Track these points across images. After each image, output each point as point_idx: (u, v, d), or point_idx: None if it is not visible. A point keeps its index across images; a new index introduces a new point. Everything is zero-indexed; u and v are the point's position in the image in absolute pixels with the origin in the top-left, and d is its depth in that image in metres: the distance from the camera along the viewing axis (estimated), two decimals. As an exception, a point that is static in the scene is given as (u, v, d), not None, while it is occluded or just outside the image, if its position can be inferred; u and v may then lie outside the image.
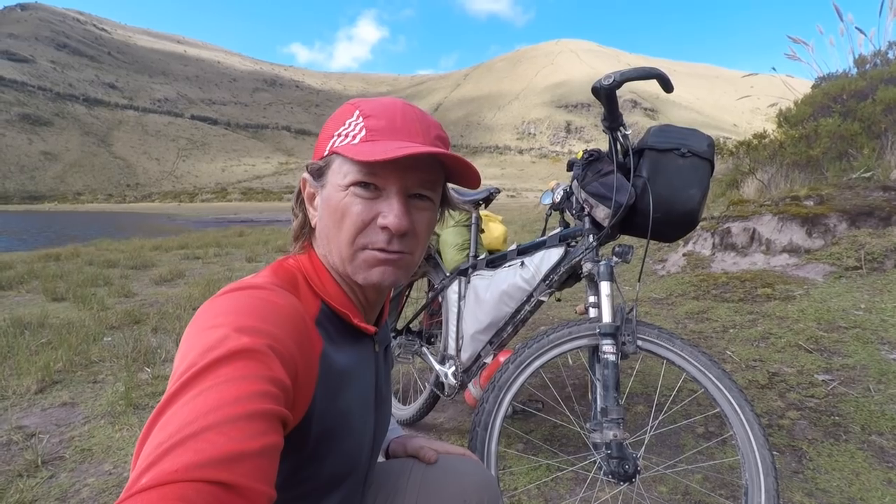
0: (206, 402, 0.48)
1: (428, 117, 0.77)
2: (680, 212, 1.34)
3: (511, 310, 1.66)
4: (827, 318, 2.84)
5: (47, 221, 39.04)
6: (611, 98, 1.28)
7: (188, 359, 0.53)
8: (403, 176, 0.70)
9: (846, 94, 6.60)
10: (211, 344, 0.53)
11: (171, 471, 0.43)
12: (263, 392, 0.51)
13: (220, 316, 0.58)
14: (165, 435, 0.46)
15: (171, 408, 0.49)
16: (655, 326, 1.34)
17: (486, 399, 1.34)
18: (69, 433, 2.37)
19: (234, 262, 9.12)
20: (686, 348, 1.30)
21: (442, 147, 0.74)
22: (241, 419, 0.48)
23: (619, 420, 1.22)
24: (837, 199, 4.34)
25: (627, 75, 1.24)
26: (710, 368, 1.27)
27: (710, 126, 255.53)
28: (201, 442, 0.45)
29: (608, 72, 1.25)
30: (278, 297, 0.65)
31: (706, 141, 1.37)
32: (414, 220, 0.72)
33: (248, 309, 0.60)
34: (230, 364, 0.52)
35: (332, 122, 0.75)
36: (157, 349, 3.53)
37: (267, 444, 0.49)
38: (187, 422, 0.46)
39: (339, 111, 0.76)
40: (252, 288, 0.64)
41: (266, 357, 0.55)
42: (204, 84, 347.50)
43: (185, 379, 0.50)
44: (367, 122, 0.71)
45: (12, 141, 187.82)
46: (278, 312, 0.62)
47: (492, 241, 2.33)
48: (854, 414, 1.97)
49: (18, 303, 5.44)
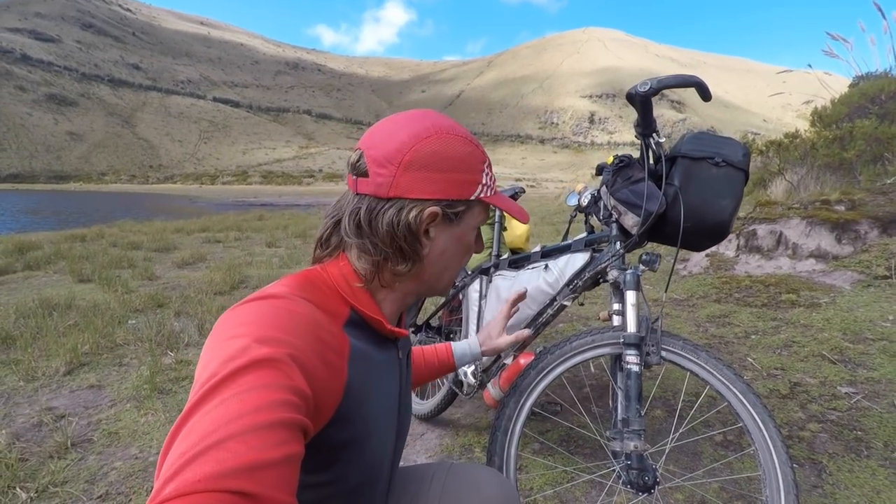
0: (228, 412, 0.49)
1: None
2: (711, 223, 1.32)
3: (533, 312, 1.66)
4: (853, 329, 2.78)
5: (73, 202, 39.87)
6: (646, 104, 1.27)
7: (210, 368, 0.54)
8: None
9: (885, 95, 6.40)
10: (232, 354, 0.54)
11: (194, 481, 0.44)
12: (284, 401, 0.52)
13: (241, 326, 0.59)
14: (188, 445, 0.47)
15: (194, 417, 0.50)
16: (681, 338, 1.33)
17: (506, 404, 1.35)
18: (97, 416, 2.44)
19: (254, 246, 9.23)
20: (711, 361, 1.28)
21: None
22: (262, 428, 0.49)
23: (640, 431, 1.21)
24: (870, 205, 4.23)
25: (665, 83, 1.21)
26: (735, 383, 1.25)
27: (738, 121, 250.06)
28: (223, 451, 0.46)
29: (644, 79, 1.23)
30: (298, 306, 0.66)
31: (741, 150, 1.34)
32: None
33: (268, 319, 0.61)
34: (251, 373, 0.53)
35: (464, 163, 0.77)
36: (181, 333, 3.60)
37: (288, 454, 0.50)
38: (209, 431, 0.47)
39: (467, 151, 0.78)
40: (273, 297, 0.65)
41: (286, 366, 0.55)
42: (227, 66, 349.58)
43: (206, 389, 0.52)
44: (490, 171, 0.83)
45: (39, 121, 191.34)
46: (299, 322, 0.63)
47: (514, 240, 2.32)
48: (877, 429, 1.94)
49: (46, 283, 5.59)
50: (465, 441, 2.13)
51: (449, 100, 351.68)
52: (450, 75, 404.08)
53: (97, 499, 1.79)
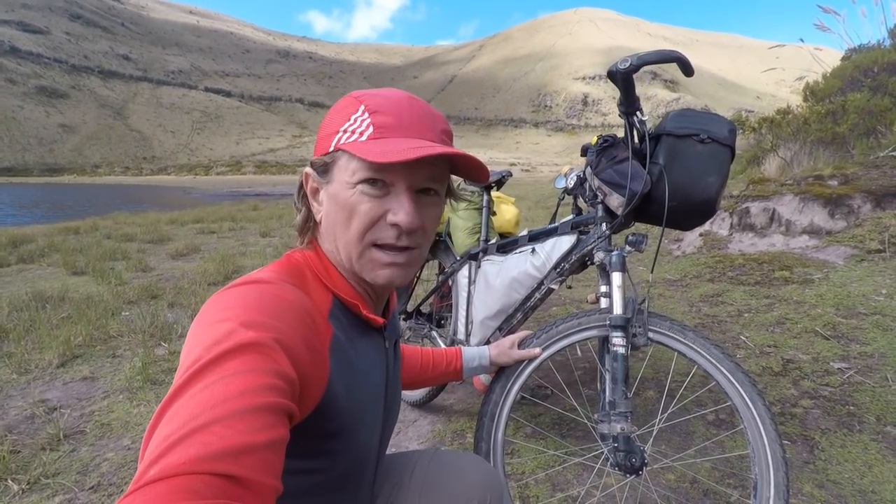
0: (213, 396, 0.49)
1: (433, 111, 0.76)
2: (697, 200, 1.30)
3: (521, 297, 1.65)
4: (846, 304, 2.78)
5: (67, 195, 39.63)
6: (627, 82, 1.24)
7: (195, 352, 0.54)
8: (412, 173, 0.70)
9: (878, 67, 6.35)
10: (217, 338, 0.54)
11: (179, 463, 0.44)
12: (269, 386, 0.52)
13: (226, 310, 0.58)
14: (173, 428, 0.46)
15: (178, 400, 0.49)
16: (667, 318, 1.32)
17: (493, 389, 1.34)
18: (89, 407, 2.44)
19: (248, 236, 9.21)
20: (698, 340, 1.27)
21: (448, 141, 0.76)
22: (247, 413, 0.48)
23: (626, 413, 1.21)
24: (863, 179, 4.22)
25: (646, 59, 1.19)
26: (723, 361, 1.25)
27: (731, 98, 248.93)
28: (208, 435, 0.46)
29: (623, 57, 1.20)
30: (285, 291, 0.65)
31: (727, 126, 1.32)
32: (423, 216, 0.73)
33: (254, 303, 0.60)
34: (236, 358, 0.52)
35: (335, 116, 0.74)
36: (174, 325, 3.60)
37: (273, 438, 0.49)
38: (194, 415, 0.47)
39: (342, 105, 0.74)
40: (259, 282, 0.65)
41: (272, 351, 0.55)
42: (217, 55, 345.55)
43: (191, 372, 0.51)
44: (374, 118, 0.70)
45: (30, 113, 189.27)
46: (285, 307, 0.62)
47: (503, 224, 2.30)
48: (870, 404, 1.94)
49: (40, 276, 5.57)
50: (458, 427, 2.13)
51: (441, 85, 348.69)
52: (442, 60, 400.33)
53: (89, 490, 1.79)
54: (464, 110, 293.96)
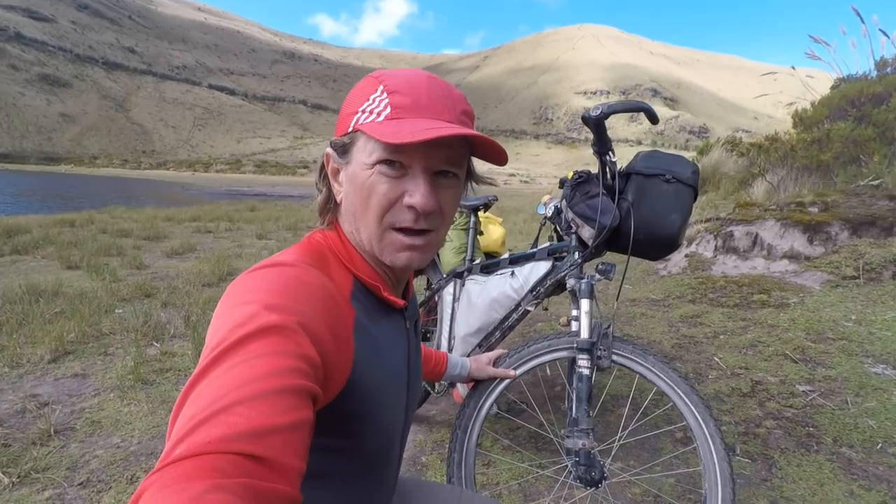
0: (238, 377, 0.49)
1: (453, 90, 0.75)
2: (661, 235, 1.41)
3: (500, 316, 1.74)
4: (817, 329, 2.89)
5: (64, 185, 39.43)
6: (599, 127, 1.34)
7: (219, 334, 0.55)
8: (430, 154, 0.69)
9: (864, 98, 6.51)
10: (241, 320, 0.55)
11: (205, 442, 0.45)
12: (293, 368, 0.52)
13: (250, 293, 0.59)
14: (198, 408, 0.47)
15: (203, 381, 0.50)
16: (630, 342, 1.42)
17: (467, 403, 1.43)
18: (80, 404, 2.50)
19: (244, 237, 9.25)
20: (658, 364, 1.37)
21: (468, 122, 0.75)
22: (271, 394, 0.49)
23: (588, 430, 1.30)
24: (842, 207, 4.34)
25: (615, 108, 1.29)
26: (679, 384, 1.34)
27: (729, 118, 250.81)
28: (233, 416, 0.46)
29: (597, 103, 1.30)
30: (308, 274, 0.66)
31: (690, 168, 1.43)
32: (440, 198, 0.72)
33: (278, 286, 0.61)
34: (260, 340, 0.53)
35: (355, 96, 0.74)
36: (167, 325, 3.65)
37: (297, 419, 0.50)
38: (219, 396, 0.48)
39: (362, 85, 0.74)
40: (282, 265, 0.65)
41: (295, 334, 0.56)
42: (223, 53, 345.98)
43: (216, 354, 0.52)
44: (391, 98, 0.70)
45: (31, 101, 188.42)
46: (308, 290, 0.63)
47: (490, 244, 2.40)
48: (828, 426, 2.04)
49: (34, 268, 5.60)
50: (438, 437, 2.21)
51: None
52: (446, 69, 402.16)
53: (78, 486, 1.86)
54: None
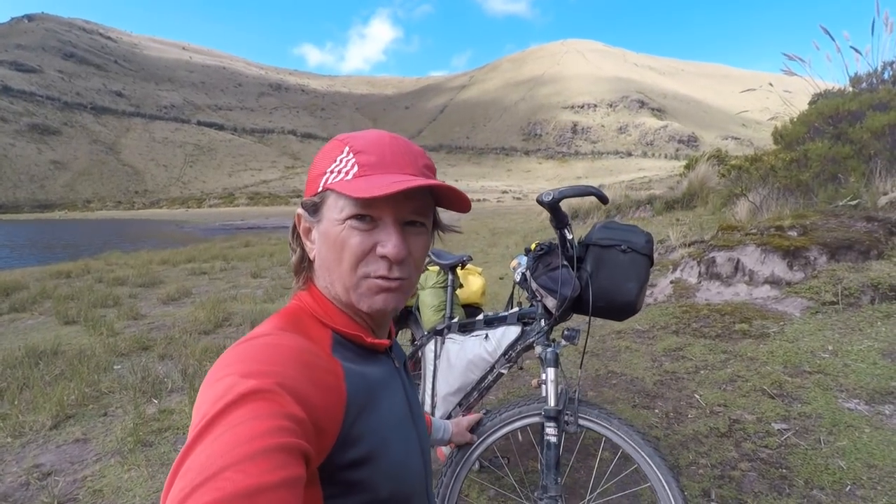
0: (223, 445, 0.50)
1: (414, 147, 0.81)
2: (620, 302, 1.52)
3: (476, 378, 1.84)
4: (794, 361, 2.97)
5: (58, 232, 39.52)
6: (554, 209, 1.47)
7: (202, 410, 0.56)
8: (397, 206, 0.75)
9: (840, 114, 6.70)
10: (221, 392, 0.56)
11: None
12: (278, 427, 0.53)
13: (227, 367, 0.61)
14: (186, 481, 0.48)
15: (191, 455, 0.51)
16: (596, 406, 1.51)
17: (444, 472, 1.52)
18: (82, 472, 2.57)
19: (239, 277, 9.37)
20: (623, 427, 1.46)
21: (430, 175, 0.81)
22: (257, 455, 0.50)
23: (556, 497, 1.39)
24: (821, 230, 4.46)
25: (565, 193, 1.42)
26: (643, 447, 1.43)
27: (717, 126, 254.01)
28: (220, 481, 0.47)
29: (549, 189, 1.42)
30: (282, 339, 0.68)
31: (644, 237, 1.54)
32: (410, 247, 0.78)
33: (252, 356, 0.63)
34: (242, 407, 0.54)
35: (322, 159, 0.79)
36: (165, 379, 3.74)
37: (286, 477, 0.50)
38: (206, 466, 0.49)
39: (328, 148, 0.80)
40: (256, 338, 0.68)
41: (275, 395, 0.57)
42: (210, 90, 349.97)
43: (199, 428, 0.53)
44: (358, 157, 0.76)
45: (22, 151, 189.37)
46: (283, 352, 0.65)
47: (470, 295, 2.50)
48: (801, 467, 2.11)
49: (32, 326, 5.69)
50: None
51: (433, 115, 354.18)
52: (434, 90, 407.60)
53: (81, 562, 1.93)
54: (456, 139, 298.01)
